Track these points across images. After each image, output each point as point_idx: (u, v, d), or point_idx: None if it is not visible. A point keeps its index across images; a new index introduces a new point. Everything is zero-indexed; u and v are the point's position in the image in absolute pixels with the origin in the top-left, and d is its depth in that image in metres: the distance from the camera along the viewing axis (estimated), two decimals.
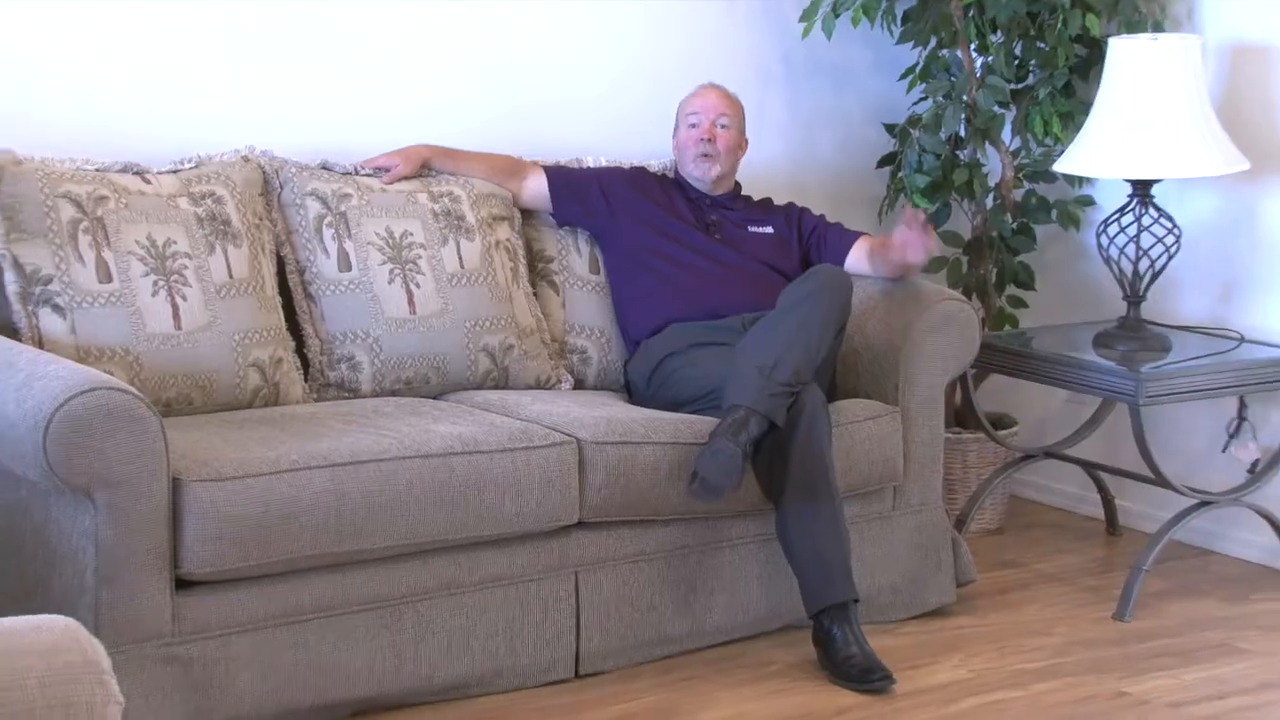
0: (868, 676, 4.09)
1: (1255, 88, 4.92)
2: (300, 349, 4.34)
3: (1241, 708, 4.05)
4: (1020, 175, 5.23)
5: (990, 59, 5.13)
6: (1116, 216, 4.84)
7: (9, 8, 4.25)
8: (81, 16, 4.35)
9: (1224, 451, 4.97)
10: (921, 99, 5.25)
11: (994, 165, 5.27)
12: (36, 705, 2.12)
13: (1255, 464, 4.85)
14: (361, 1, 4.72)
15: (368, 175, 4.51)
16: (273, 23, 4.59)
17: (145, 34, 4.43)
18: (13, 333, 3.97)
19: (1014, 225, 5.22)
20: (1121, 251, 4.82)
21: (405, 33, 4.79)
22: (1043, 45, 5.09)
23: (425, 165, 4.63)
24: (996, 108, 5.12)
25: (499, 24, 4.92)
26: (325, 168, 4.47)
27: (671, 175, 4.80)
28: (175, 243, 4.11)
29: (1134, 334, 4.82)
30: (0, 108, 4.25)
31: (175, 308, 4.07)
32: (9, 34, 4.27)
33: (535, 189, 4.66)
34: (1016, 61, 5.16)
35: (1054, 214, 5.23)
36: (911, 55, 5.29)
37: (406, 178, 4.56)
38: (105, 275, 4.02)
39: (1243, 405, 4.90)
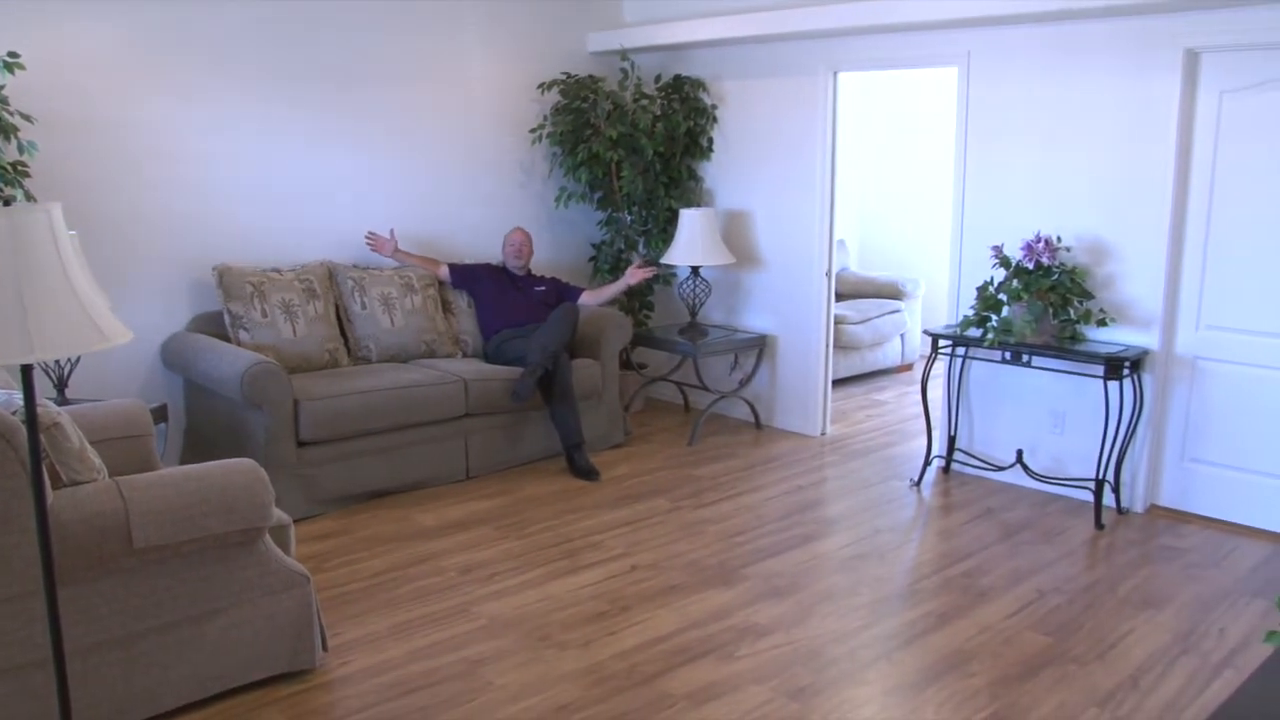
0: (590, 474, 4.24)
1: (737, 229, 4.98)
2: (345, 343, 4.30)
3: (730, 481, 4.19)
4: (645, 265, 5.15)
5: (633, 218, 5.14)
6: (685, 279, 4.98)
7: (212, 191, 4.07)
8: (252, 196, 4.21)
9: (729, 375, 5.14)
10: (607, 234, 5.19)
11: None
12: (241, 494, 2.31)
13: (741, 380, 5.08)
14: (371, 184, 4.52)
15: (374, 269, 4.36)
16: (331, 206, 4.44)
17: (278, 204, 4.30)
18: (227, 339, 4.04)
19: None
20: (688, 294, 4.97)
21: (388, 200, 4.59)
22: (654, 212, 5.09)
23: (395, 253, 4.43)
24: (636, 238, 5.17)
25: (428, 196, 4.71)
26: (356, 266, 4.41)
27: (502, 266, 4.67)
28: (293, 300, 4.12)
29: (694, 329, 4.95)
30: (218, 244, 4.14)
31: (294, 327, 4.10)
32: (217, 205, 4.08)
33: (444, 274, 4.55)
34: (645, 218, 5.15)
35: (663, 279, 5.27)
36: (602, 214, 5.25)
37: (386, 253, 4.41)
38: (264, 315, 4.05)
39: (736, 356, 5.08)
